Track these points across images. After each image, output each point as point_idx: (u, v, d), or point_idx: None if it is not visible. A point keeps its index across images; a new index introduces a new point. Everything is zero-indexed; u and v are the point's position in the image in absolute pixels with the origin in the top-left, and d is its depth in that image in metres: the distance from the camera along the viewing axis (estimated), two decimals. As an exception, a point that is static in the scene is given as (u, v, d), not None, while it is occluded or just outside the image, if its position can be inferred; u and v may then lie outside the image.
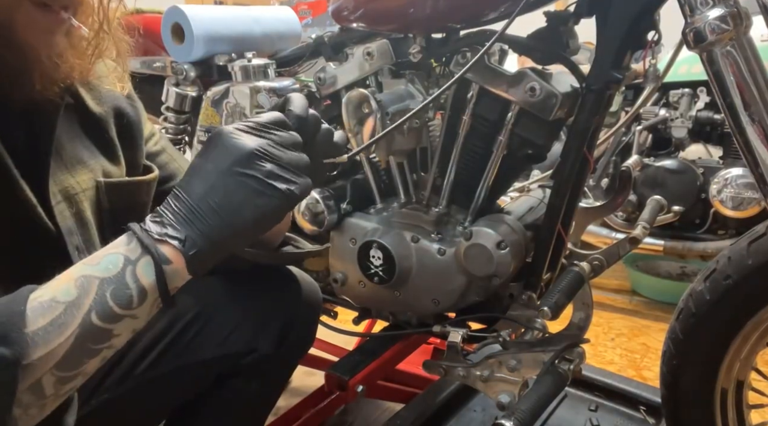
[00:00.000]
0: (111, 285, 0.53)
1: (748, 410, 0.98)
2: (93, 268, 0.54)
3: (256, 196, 0.56)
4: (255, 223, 0.57)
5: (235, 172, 0.56)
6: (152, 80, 1.34)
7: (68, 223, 0.67)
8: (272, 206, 0.57)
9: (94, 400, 0.76)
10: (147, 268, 0.54)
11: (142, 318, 0.56)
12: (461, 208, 1.04)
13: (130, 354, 0.78)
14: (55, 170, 0.66)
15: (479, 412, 1.31)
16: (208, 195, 0.56)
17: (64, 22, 0.60)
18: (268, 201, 0.56)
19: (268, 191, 0.56)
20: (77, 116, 0.72)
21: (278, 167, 0.57)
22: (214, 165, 0.57)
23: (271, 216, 0.58)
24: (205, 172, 0.57)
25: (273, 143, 0.58)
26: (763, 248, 0.83)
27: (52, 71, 0.62)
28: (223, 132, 0.58)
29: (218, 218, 0.55)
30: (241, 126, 0.58)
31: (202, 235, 0.55)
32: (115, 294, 0.53)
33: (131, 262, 0.54)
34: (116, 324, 0.54)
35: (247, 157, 0.56)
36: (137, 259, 0.54)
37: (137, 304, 0.54)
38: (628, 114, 1.22)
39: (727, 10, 0.76)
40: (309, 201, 1.07)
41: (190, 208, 0.56)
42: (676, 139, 2.07)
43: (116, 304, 0.53)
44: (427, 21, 0.97)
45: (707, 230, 2.02)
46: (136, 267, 0.54)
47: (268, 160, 0.57)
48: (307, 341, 0.93)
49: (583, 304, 1.02)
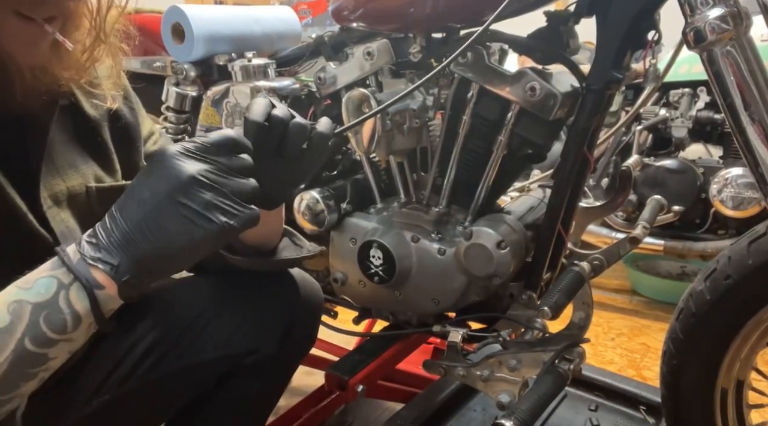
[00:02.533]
0: (44, 310, 0.53)
1: (748, 410, 0.98)
2: (26, 292, 0.53)
3: (191, 226, 0.53)
4: (189, 252, 0.55)
5: (172, 200, 0.53)
6: (152, 80, 1.34)
7: (62, 228, 0.67)
8: (207, 238, 0.54)
9: (95, 401, 0.76)
10: (80, 292, 0.54)
11: (78, 340, 0.55)
12: (461, 207, 1.04)
13: (132, 355, 0.78)
14: (46, 175, 0.66)
15: (479, 411, 1.31)
16: (143, 221, 0.54)
17: (47, 35, 0.59)
18: (203, 233, 0.54)
19: (204, 223, 0.54)
20: (71, 119, 0.71)
21: (218, 196, 0.54)
22: (152, 190, 0.54)
23: (206, 247, 0.56)
24: (142, 197, 0.55)
25: (216, 169, 0.55)
26: (764, 248, 0.83)
27: (35, 84, 0.61)
28: (166, 154, 0.55)
29: (152, 246, 0.54)
30: (185, 148, 0.55)
31: (134, 262, 0.54)
32: (48, 319, 0.52)
33: (64, 287, 0.54)
34: (51, 348, 0.53)
35: (186, 185, 0.53)
36: (70, 284, 0.54)
37: (72, 328, 0.54)
38: (628, 114, 1.22)
39: (727, 10, 0.76)
40: (309, 200, 1.07)
41: (125, 233, 0.54)
42: (676, 139, 2.07)
43: (50, 329, 0.53)
44: (427, 21, 0.97)
45: (707, 230, 2.02)
46: (69, 292, 0.53)
47: (209, 189, 0.54)
48: (309, 341, 0.93)
49: (583, 303, 1.02)
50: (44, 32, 0.58)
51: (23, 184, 0.63)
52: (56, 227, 0.66)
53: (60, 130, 0.69)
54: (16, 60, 0.59)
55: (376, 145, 0.99)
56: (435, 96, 1.02)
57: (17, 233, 0.62)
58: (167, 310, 0.82)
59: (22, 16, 0.56)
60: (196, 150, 0.55)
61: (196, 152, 0.55)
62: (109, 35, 0.67)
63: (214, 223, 0.54)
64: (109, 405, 0.77)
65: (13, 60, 0.58)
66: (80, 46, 0.65)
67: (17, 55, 0.58)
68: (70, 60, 0.64)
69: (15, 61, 0.59)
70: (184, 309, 0.82)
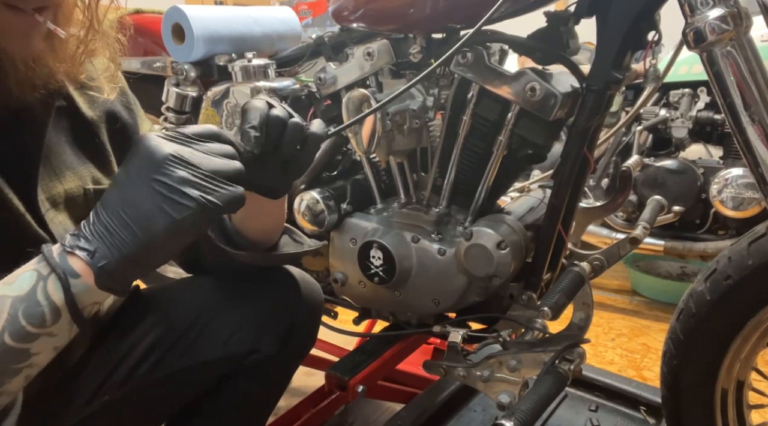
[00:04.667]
0: (23, 303, 0.52)
1: (749, 410, 0.98)
2: (8, 287, 0.53)
3: (166, 203, 0.52)
4: (168, 234, 0.53)
5: (147, 179, 0.52)
6: (152, 80, 1.34)
7: (60, 230, 0.67)
8: (184, 215, 0.52)
9: (96, 402, 0.76)
10: (57, 283, 0.53)
11: (61, 336, 0.54)
12: (461, 208, 1.04)
13: (132, 355, 0.78)
14: (44, 177, 0.66)
15: (479, 412, 1.31)
16: (119, 206, 0.53)
17: (39, 26, 0.58)
18: (180, 209, 0.52)
19: (180, 198, 0.52)
20: (68, 120, 0.71)
21: (195, 174, 0.52)
22: (128, 174, 0.53)
23: (186, 227, 0.53)
24: (120, 182, 0.54)
25: (194, 151, 0.54)
26: (764, 248, 0.83)
27: (30, 76, 0.61)
28: (144, 138, 0.54)
29: (129, 230, 0.53)
30: (165, 134, 0.55)
31: (113, 247, 0.53)
32: (26, 312, 0.52)
33: (43, 278, 0.53)
34: (32, 343, 0.52)
35: (160, 162, 0.52)
36: (48, 275, 0.53)
37: (51, 322, 0.53)
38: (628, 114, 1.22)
39: (727, 10, 0.76)
40: (309, 201, 1.07)
41: (103, 220, 0.53)
42: (676, 139, 2.07)
43: (28, 322, 0.52)
44: (427, 21, 0.97)
45: (707, 230, 2.02)
46: (47, 283, 0.53)
47: (184, 165, 0.52)
48: (309, 341, 0.93)
49: (584, 304, 1.02)
50: (35, 23, 0.58)
51: (21, 186, 0.63)
52: (55, 230, 0.66)
53: (57, 132, 0.69)
54: (9, 53, 0.58)
55: (376, 145, 0.99)
56: (435, 96, 1.02)
57: (16, 235, 0.62)
58: (167, 311, 0.82)
59: (11, 7, 0.56)
60: (174, 135, 0.55)
61: (174, 136, 0.55)
62: (102, 24, 0.66)
63: (190, 198, 0.52)
64: (109, 405, 0.77)
65: (6, 53, 0.58)
66: (74, 39, 0.65)
67: (9, 48, 0.58)
68: (64, 52, 0.64)
69: (8, 54, 0.58)
70: (184, 309, 0.82)
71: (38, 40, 0.60)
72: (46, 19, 0.58)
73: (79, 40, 0.65)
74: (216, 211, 0.54)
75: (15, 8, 0.56)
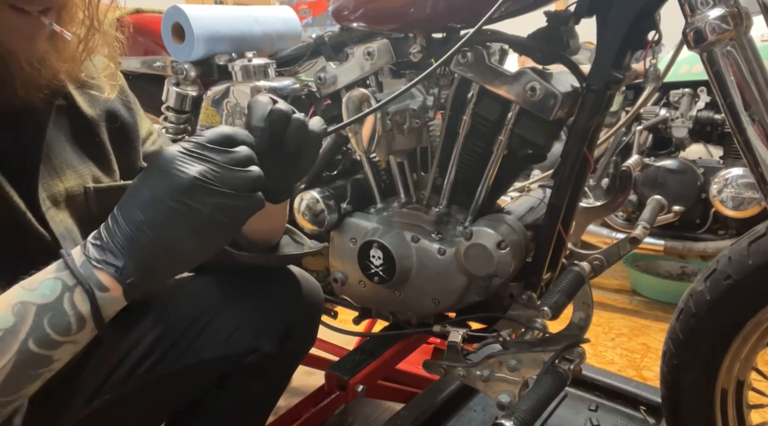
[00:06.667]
0: (48, 312, 0.53)
1: (749, 410, 0.98)
2: (30, 293, 0.53)
3: (195, 227, 0.54)
4: (195, 253, 0.57)
5: (174, 201, 0.53)
6: (152, 80, 1.34)
7: (61, 228, 0.67)
8: (212, 237, 0.56)
9: (96, 401, 0.76)
10: (84, 295, 0.54)
11: (82, 342, 0.55)
12: (461, 207, 1.04)
13: (133, 354, 0.78)
14: (44, 175, 0.66)
15: (479, 411, 1.31)
16: (144, 223, 0.54)
17: (44, 27, 0.59)
18: (208, 234, 0.56)
19: (208, 223, 0.54)
20: (68, 119, 0.71)
21: (221, 196, 0.54)
22: (153, 192, 0.54)
23: (213, 247, 0.57)
24: (143, 199, 0.55)
25: (216, 167, 0.55)
26: (764, 248, 0.83)
27: (35, 77, 0.61)
28: (166, 156, 0.55)
29: (156, 248, 0.54)
30: (185, 148, 0.55)
31: (140, 264, 0.54)
32: (52, 322, 0.53)
33: (69, 289, 0.54)
34: (55, 350, 0.53)
35: (185, 187, 0.53)
36: (74, 286, 0.54)
37: (76, 330, 0.54)
38: (628, 114, 1.22)
39: (727, 10, 0.76)
40: (309, 200, 1.07)
41: (129, 236, 0.54)
42: (676, 139, 2.07)
43: (54, 331, 0.53)
44: (427, 21, 0.97)
45: (707, 230, 2.02)
46: (73, 294, 0.54)
47: (209, 192, 0.54)
48: (309, 341, 0.93)
49: (584, 303, 1.02)
50: (41, 24, 0.59)
51: (22, 185, 0.63)
52: (55, 228, 0.66)
53: (57, 130, 0.69)
54: (15, 54, 0.59)
55: (376, 145, 0.99)
56: (435, 96, 1.02)
57: (17, 233, 0.62)
58: (167, 310, 0.82)
59: (17, 10, 0.56)
60: (194, 149, 0.55)
61: (195, 151, 0.55)
62: (103, 23, 0.67)
63: (220, 223, 0.55)
64: (109, 405, 0.77)
65: (12, 54, 0.58)
66: (75, 37, 0.65)
67: (15, 49, 0.58)
68: (67, 52, 0.64)
69: (13, 55, 0.58)
70: (184, 309, 0.82)
71: (42, 41, 0.60)
72: (51, 21, 0.59)
73: (79, 39, 0.65)
74: (239, 225, 0.57)
75: (20, 10, 0.57)
